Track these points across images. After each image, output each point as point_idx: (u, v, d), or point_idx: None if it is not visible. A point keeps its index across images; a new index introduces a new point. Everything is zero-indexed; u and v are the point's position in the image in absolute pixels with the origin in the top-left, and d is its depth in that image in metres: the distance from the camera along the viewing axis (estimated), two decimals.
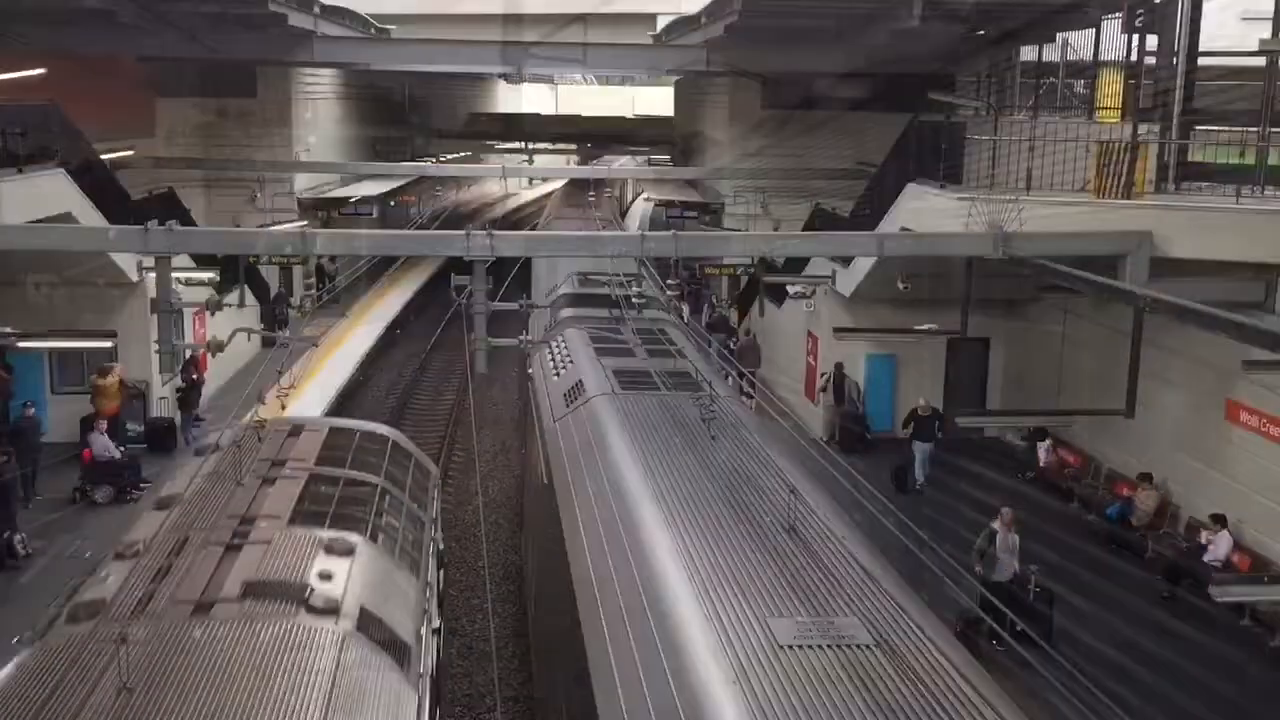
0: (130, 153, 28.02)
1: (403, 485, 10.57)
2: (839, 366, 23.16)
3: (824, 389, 23.47)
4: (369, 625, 7.45)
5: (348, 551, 8.23)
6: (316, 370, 25.19)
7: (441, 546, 11.25)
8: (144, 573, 7.54)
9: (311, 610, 7.20)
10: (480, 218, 52.04)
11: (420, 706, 7.15)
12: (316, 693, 6.24)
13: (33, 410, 19.21)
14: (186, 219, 24.75)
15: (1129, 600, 15.95)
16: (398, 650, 7.46)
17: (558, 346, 16.02)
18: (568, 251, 19.94)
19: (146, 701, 5.79)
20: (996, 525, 14.72)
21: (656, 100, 66.63)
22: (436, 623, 9.27)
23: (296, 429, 11.25)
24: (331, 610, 7.27)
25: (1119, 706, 7.03)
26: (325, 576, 7.66)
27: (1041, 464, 21.02)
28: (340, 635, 7.03)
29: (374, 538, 8.85)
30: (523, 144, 50.75)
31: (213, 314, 18.97)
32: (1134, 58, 18.79)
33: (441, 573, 10.79)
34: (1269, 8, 17.61)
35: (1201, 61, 18.48)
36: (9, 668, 6.57)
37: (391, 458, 11.07)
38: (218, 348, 16.02)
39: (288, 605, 7.20)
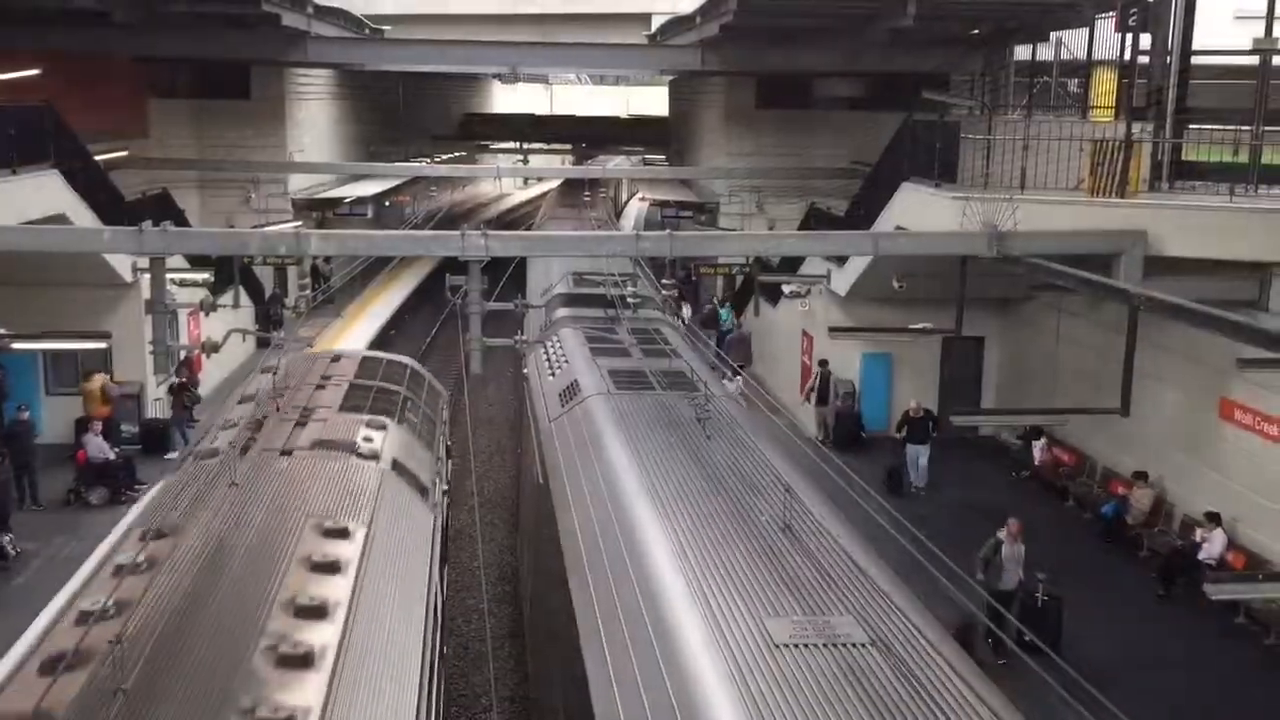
0: (124, 153, 27.96)
1: (419, 396, 13.56)
2: (823, 364, 23.19)
3: (813, 388, 23.49)
4: (400, 469, 10.41)
5: (382, 427, 11.23)
6: None
7: (449, 443, 14.03)
8: (242, 434, 10.62)
9: (360, 455, 10.15)
10: (475, 218, 51.99)
11: (435, 525, 10.03)
12: (366, 501, 9.05)
13: (27, 414, 19.16)
14: (181, 220, 24.72)
15: (1124, 598, 15.97)
16: (420, 488, 10.48)
17: (553, 346, 16.02)
18: (563, 251, 19.93)
19: (251, 496, 8.77)
20: (1002, 535, 14.47)
21: (651, 100, 66.70)
22: (445, 485, 12.06)
23: (337, 356, 14.50)
24: (374, 456, 10.24)
25: (1118, 708, 7.02)
26: (368, 439, 10.62)
27: (1037, 462, 21.04)
28: (380, 471, 9.96)
29: (400, 422, 11.82)
30: (517, 144, 50.73)
31: (207, 315, 18.93)
32: (1128, 57, 18.82)
33: (450, 462, 13.42)
34: (1262, 7, 17.63)
35: (1195, 60, 18.50)
36: (162, 483, 10.03)
37: (411, 377, 14.04)
38: (212, 348, 15.99)
39: (344, 452, 10.14)
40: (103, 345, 19.52)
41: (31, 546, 16.95)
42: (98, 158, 22.40)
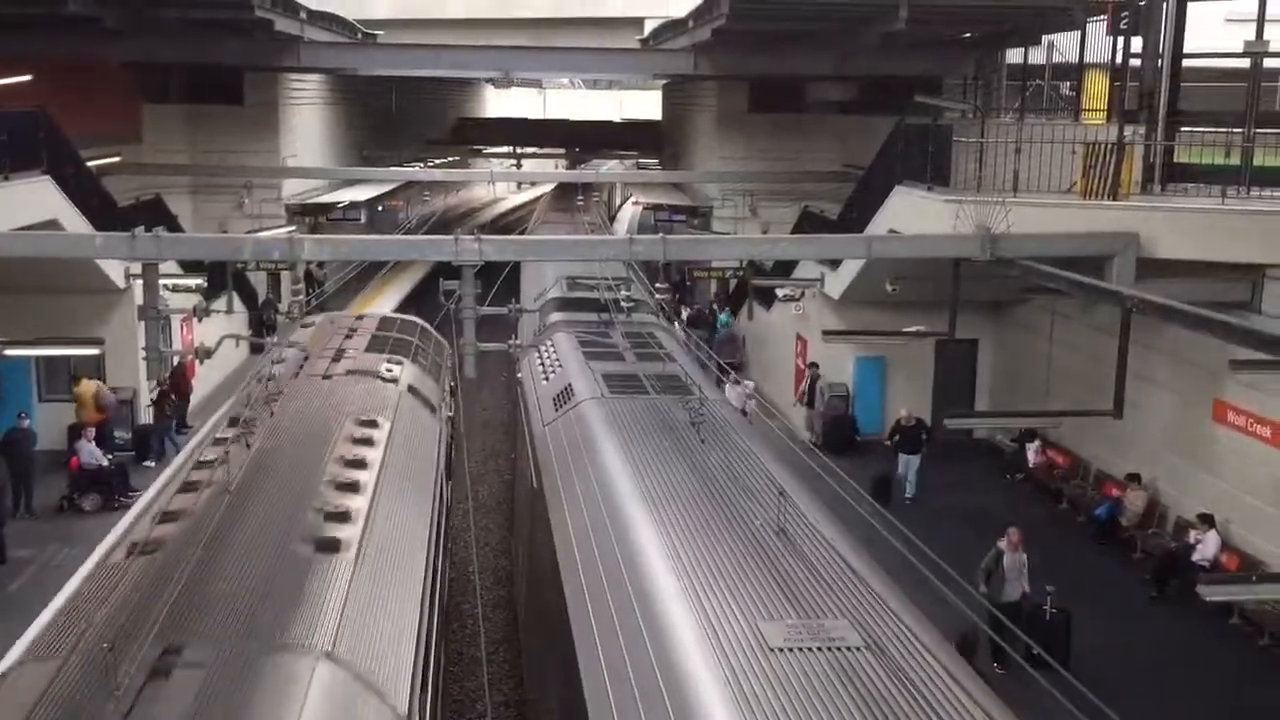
0: (117, 159, 27.92)
1: (428, 345, 16.38)
2: (813, 367, 23.25)
3: (805, 391, 23.55)
4: (414, 391, 13.37)
5: (399, 362, 14.10)
6: None
7: (452, 383, 16.39)
8: (291, 367, 13.74)
9: (383, 380, 13.08)
10: (469, 223, 51.93)
11: (441, 433, 13.05)
12: (389, 407, 11.99)
13: (27, 422, 19.08)
14: (174, 225, 24.68)
15: (1118, 600, 15.99)
16: (430, 406, 13.48)
17: (546, 351, 16.03)
18: (557, 256, 19.89)
19: (304, 401, 11.84)
20: (1003, 545, 14.11)
21: (644, 104, 66.78)
22: (450, 412, 14.80)
23: (360, 317, 17.65)
24: (394, 381, 13.20)
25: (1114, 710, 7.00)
26: (389, 369, 13.58)
27: (1031, 465, 21.08)
28: (399, 392, 12.88)
29: (413, 361, 14.67)
30: (511, 149, 50.73)
31: (200, 320, 18.91)
32: (1119, 59, 18.87)
33: (455, 399, 15.98)
34: (1253, 10, 17.70)
35: (1186, 63, 18.56)
36: (237, 396, 13.53)
37: (421, 333, 16.92)
38: (205, 354, 15.96)
39: (370, 378, 13.06)
40: (95, 351, 19.48)
41: (25, 554, 16.90)
42: (90, 163, 22.36)
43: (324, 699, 6.03)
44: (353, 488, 9.09)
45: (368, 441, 10.43)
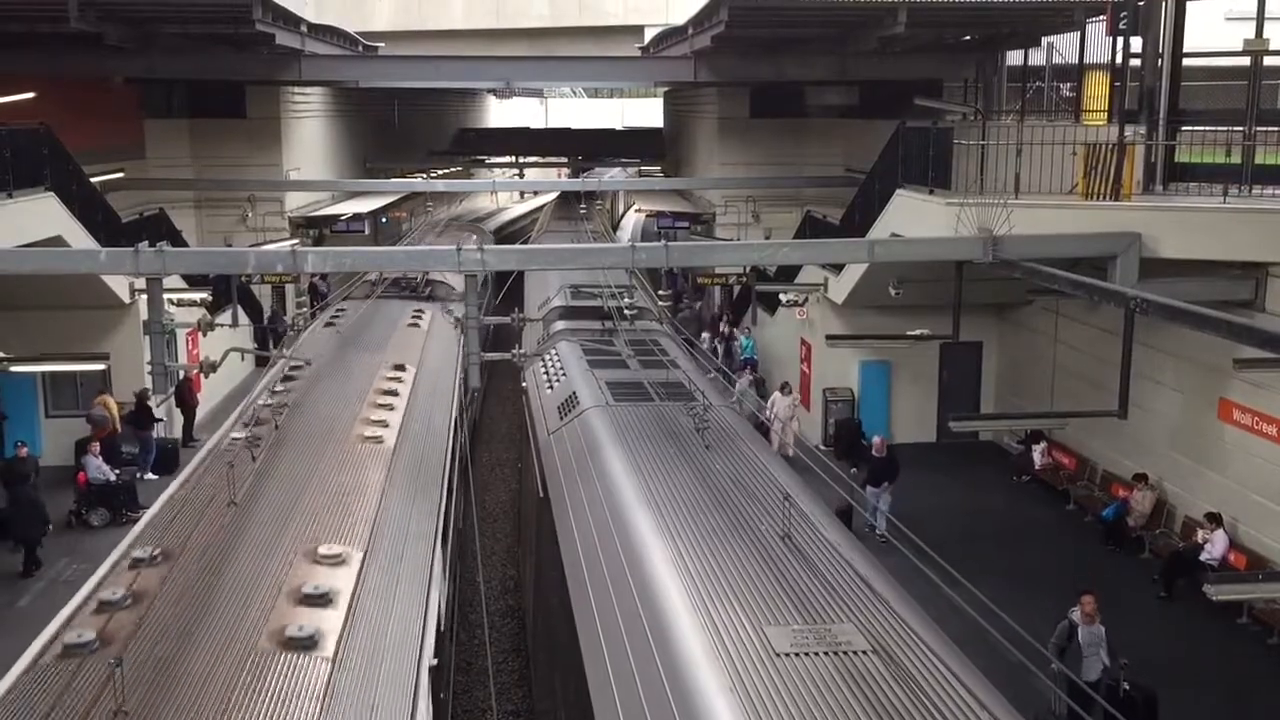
0: (120, 174, 27.99)
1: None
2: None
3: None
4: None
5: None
6: None
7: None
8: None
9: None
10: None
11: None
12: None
13: (26, 451, 19.08)
14: (177, 240, 24.73)
15: (1126, 600, 15.95)
16: None
17: (551, 359, 16.05)
18: (559, 264, 19.88)
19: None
20: (1076, 615, 12.72)
21: (646, 111, 66.87)
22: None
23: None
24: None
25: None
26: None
27: (1037, 466, 21.06)
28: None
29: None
30: (513, 158, 50.76)
31: (205, 334, 18.93)
32: (1119, 60, 18.87)
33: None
34: (1252, 8, 17.70)
35: (1186, 62, 18.55)
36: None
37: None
38: (210, 368, 15.96)
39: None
40: (100, 367, 19.51)
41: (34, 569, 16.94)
42: (94, 179, 22.42)
43: None
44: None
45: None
